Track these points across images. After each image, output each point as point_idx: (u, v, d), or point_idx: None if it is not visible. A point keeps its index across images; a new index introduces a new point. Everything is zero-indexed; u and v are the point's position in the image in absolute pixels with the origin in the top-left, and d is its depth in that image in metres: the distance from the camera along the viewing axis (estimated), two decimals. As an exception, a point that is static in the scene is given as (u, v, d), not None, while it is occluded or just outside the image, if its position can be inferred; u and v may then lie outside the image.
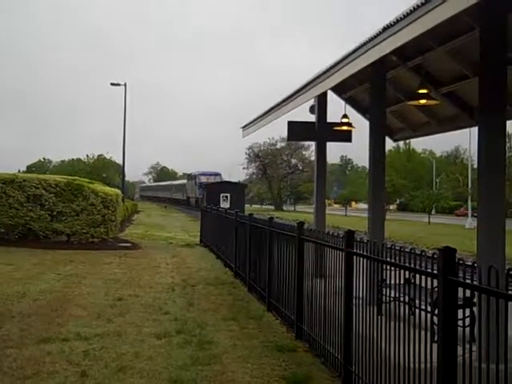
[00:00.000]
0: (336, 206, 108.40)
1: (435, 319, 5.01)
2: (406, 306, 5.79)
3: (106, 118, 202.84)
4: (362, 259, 6.62)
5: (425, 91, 10.76)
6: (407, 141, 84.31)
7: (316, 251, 8.42)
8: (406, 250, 5.91)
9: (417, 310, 6.23)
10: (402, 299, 5.96)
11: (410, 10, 6.86)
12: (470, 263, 5.29)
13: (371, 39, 8.16)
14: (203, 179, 73.91)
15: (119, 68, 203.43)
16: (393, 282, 6.13)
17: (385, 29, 7.78)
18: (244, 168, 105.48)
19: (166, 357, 7.83)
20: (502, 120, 7.74)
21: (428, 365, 4.89)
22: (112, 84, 47.68)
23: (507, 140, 69.95)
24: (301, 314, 8.94)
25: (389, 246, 6.15)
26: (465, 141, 50.20)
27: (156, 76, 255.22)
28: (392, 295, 6.28)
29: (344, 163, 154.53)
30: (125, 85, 47.78)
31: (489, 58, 7.85)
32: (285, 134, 16.43)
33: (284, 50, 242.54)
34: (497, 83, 7.75)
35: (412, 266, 5.52)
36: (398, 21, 7.31)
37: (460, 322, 4.97)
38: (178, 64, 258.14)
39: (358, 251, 6.76)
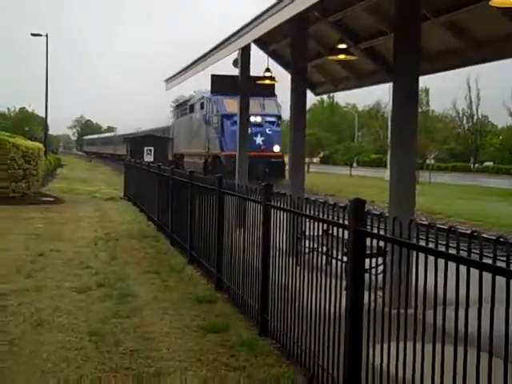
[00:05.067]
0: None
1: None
2: (324, 257, 5.97)
3: (28, 69, 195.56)
4: (280, 212, 6.76)
5: (344, 46, 10.94)
6: (331, 95, 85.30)
7: (236, 204, 8.53)
8: (322, 201, 6.05)
9: (333, 261, 6.44)
10: (319, 250, 6.14)
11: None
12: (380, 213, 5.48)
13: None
14: (228, 107, 32.62)
15: (41, 16, 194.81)
16: (313, 233, 6.28)
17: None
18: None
19: (86, 311, 7.84)
20: (415, 75, 7.97)
21: (338, 310, 5.10)
22: (33, 34, 45.93)
23: (424, 95, 71.85)
24: (220, 266, 9.08)
25: (306, 198, 6.29)
26: (386, 95, 51.29)
27: (78, 25, 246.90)
28: (311, 246, 6.46)
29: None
30: (46, 36, 46.14)
31: (404, 13, 8.03)
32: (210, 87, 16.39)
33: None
34: (411, 39, 7.95)
35: (326, 218, 5.68)
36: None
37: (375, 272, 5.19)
38: (101, 12, 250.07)
39: (276, 204, 6.90)
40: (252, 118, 30.52)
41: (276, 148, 33.44)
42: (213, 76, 15.73)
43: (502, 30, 8.66)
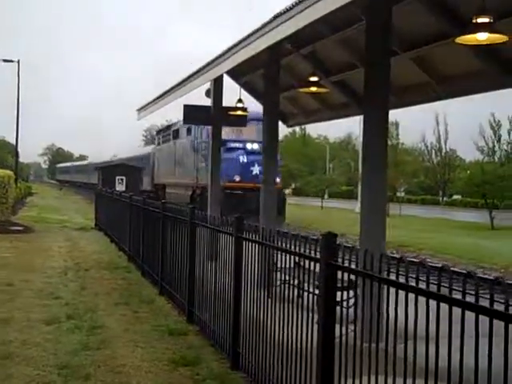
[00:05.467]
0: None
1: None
2: (295, 289, 5.98)
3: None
4: (252, 244, 6.77)
5: (316, 79, 11.08)
6: (303, 126, 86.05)
7: (208, 236, 8.52)
8: (296, 234, 6.09)
9: (305, 293, 6.45)
10: (291, 282, 6.16)
11: (300, 0, 7.05)
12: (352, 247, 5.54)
13: (264, 26, 8.33)
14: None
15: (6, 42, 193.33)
16: (285, 265, 6.30)
17: (276, 17, 7.96)
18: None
19: (55, 343, 7.73)
20: (384, 109, 8.10)
21: (309, 344, 5.11)
22: (4, 61, 45.73)
23: (395, 128, 72.90)
24: (192, 297, 9.04)
25: (278, 230, 6.33)
26: (356, 127, 51.95)
27: (46, 52, 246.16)
28: (282, 278, 6.48)
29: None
30: (18, 62, 46.00)
31: (374, 48, 8.18)
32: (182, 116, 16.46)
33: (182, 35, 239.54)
34: (381, 73, 8.09)
35: (298, 250, 5.72)
36: (288, 10, 7.50)
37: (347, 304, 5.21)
38: (70, 41, 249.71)
39: (247, 236, 6.91)
40: (248, 145, 29.14)
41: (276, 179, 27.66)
42: (185, 106, 15.79)
43: (469, 67, 8.87)
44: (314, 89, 11.27)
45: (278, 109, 12.55)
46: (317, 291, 5.27)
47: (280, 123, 13.78)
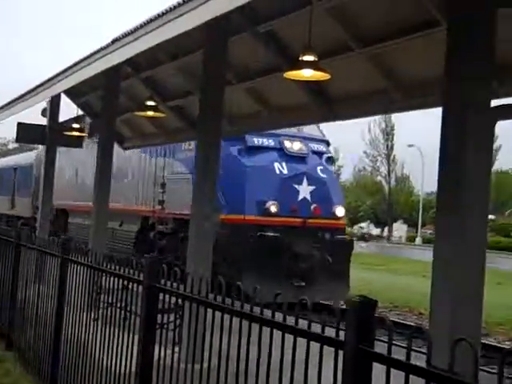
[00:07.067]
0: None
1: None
2: (121, 311, 5.92)
3: None
4: (79, 266, 6.62)
5: (153, 103, 11.12)
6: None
7: (35, 258, 8.22)
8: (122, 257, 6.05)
9: (131, 316, 6.40)
10: (117, 305, 6.09)
11: (141, 25, 7.11)
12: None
13: (101, 49, 8.29)
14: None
15: None
16: (112, 288, 6.22)
17: (115, 40, 7.97)
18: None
19: None
20: (217, 135, 8.34)
21: (128, 368, 5.07)
22: None
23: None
24: (12, 323, 8.64)
25: (105, 253, 6.26)
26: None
27: None
28: (109, 301, 6.38)
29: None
30: None
31: (209, 77, 8.41)
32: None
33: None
34: (215, 101, 8.33)
35: (123, 273, 5.69)
36: (127, 34, 7.55)
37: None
38: None
39: (74, 258, 6.76)
40: (286, 143, 16.34)
41: (339, 210, 16.70)
42: (19, 124, 15.20)
43: (298, 99, 9.35)
44: (151, 113, 11.30)
45: (114, 131, 12.46)
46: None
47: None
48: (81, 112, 15.46)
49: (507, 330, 16.23)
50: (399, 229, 69.84)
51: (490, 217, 48.51)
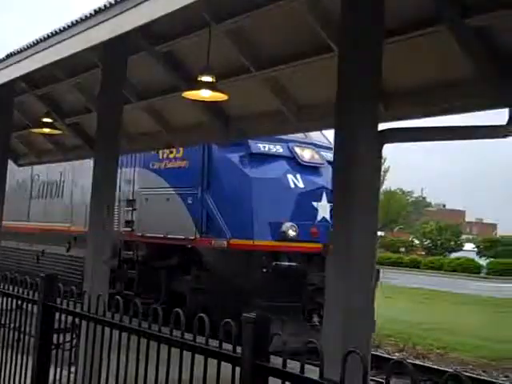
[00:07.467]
0: None
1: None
2: (14, 332, 5.78)
3: None
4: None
5: (50, 120, 10.93)
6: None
7: None
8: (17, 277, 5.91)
9: (25, 337, 6.24)
10: (10, 326, 5.94)
11: (35, 42, 7.02)
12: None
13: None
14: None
15: None
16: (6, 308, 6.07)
17: (8, 56, 7.83)
18: None
19: None
20: (114, 153, 8.37)
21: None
22: None
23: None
24: None
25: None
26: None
27: None
28: (1, 322, 6.22)
29: None
30: None
31: (107, 95, 8.41)
32: None
33: None
34: (112, 119, 8.34)
35: (16, 293, 5.59)
36: (21, 50, 7.43)
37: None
38: None
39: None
40: (297, 151, 13.39)
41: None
42: None
43: (198, 119, 9.44)
44: (47, 130, 11.10)
45: (8, 148, 12.12)
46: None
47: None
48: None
49: (396, 342, 16.99)
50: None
51: (380, 233, 49.33)
